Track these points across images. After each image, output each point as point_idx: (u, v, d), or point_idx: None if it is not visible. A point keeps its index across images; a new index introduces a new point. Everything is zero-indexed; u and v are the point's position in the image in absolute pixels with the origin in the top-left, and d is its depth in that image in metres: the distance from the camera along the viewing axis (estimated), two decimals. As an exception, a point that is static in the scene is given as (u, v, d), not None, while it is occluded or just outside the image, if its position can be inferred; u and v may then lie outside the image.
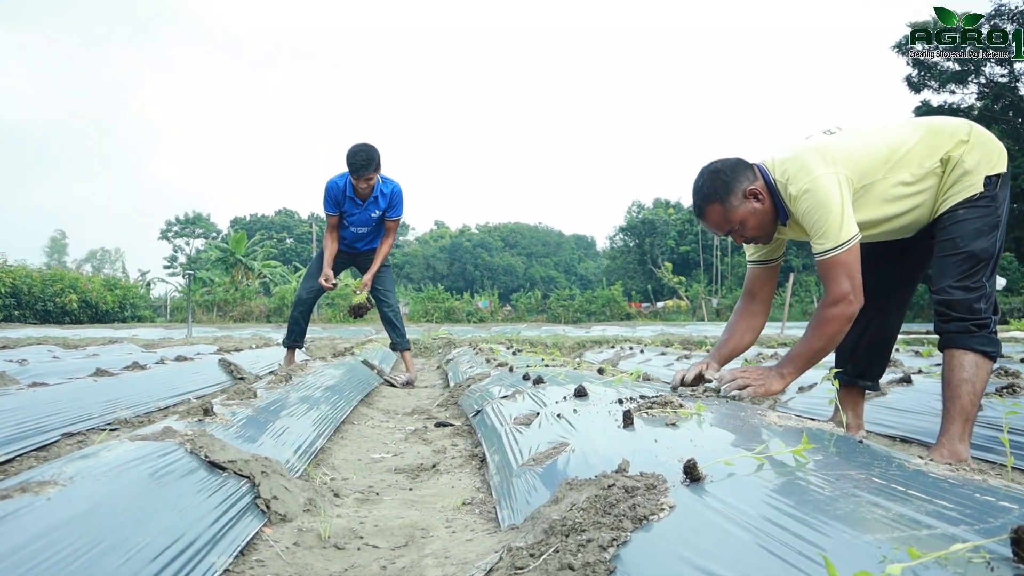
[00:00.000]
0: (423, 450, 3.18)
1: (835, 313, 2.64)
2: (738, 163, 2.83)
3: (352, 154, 5.74)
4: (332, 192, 6.07)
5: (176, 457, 1.89)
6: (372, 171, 5.73)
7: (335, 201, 6.09)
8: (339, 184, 6.06)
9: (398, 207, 6.22)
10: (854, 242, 2.61)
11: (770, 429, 2.00)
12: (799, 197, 2.67)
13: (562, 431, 2.38)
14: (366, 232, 6.31)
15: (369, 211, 6.13)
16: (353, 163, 5.72)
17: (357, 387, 4.98)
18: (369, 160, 5.71)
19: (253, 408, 2.75)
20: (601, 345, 11.02)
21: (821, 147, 2.74)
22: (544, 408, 2.89)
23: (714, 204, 2.79)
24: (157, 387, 4.58)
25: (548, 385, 3.52)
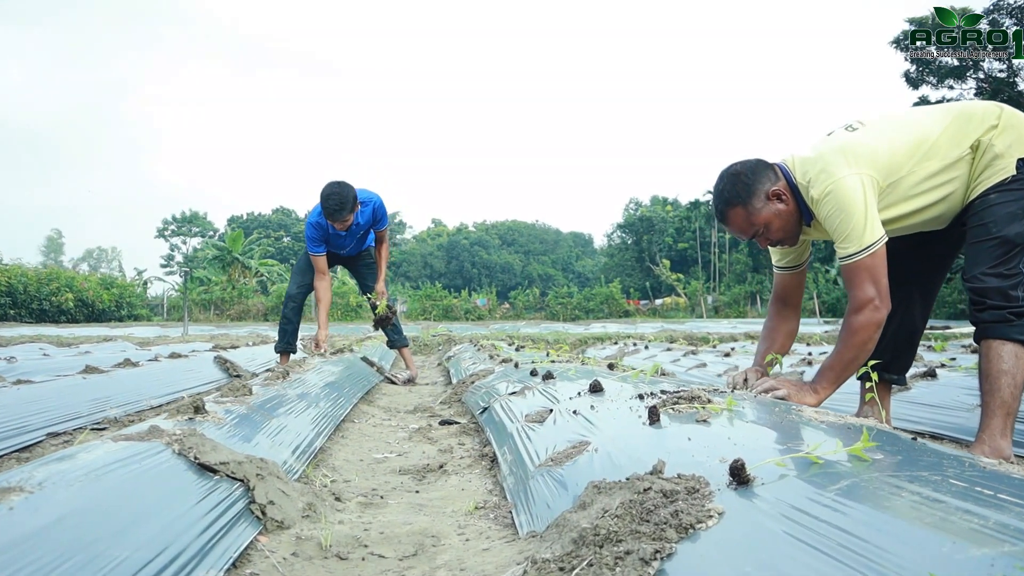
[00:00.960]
0: (428, 449, 3.01)
1: (862, 321, 2.51)
2: (758, 164, 2.71)
3: (325, 198, 5.38)
4: (316, 232, 5.75)
5: (162, 459, 1.72)
6: (347, 213, 5.39)
7: (320, 240, 5.80)
8: (321, 223, 5.70)
9: (383, 220, 5.94)
10: (879, 245, 2.47)
11: (811, 425, 1.84)
12: (821, 200, 2.55)
13: (580, 429, 2.21)
14: (352, 245, 6.07)
15: (354, 234, 5.87)
16: (327, 210, 5.38)
17: (357, 384, 4.81)
18: (342, 204, 5.35)
19: (248, 406, 2.58)
20: (603, 341, 10.86)
21: (843, 146, 2.61)
22: (557, 404, 2.72)
23: (736, 208, 2.67)
24: (150, 385, 4.41)
25: (558, 381, 3.36)
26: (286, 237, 74.55)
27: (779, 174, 2.70)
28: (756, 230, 2.70)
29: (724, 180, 2.73)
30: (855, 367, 2.64)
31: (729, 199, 2.69)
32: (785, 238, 2.76)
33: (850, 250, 2.50)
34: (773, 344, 2.97)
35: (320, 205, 5.43)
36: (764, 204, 2.65)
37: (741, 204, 2.66)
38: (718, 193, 2.74)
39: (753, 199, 2.65)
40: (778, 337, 2.97)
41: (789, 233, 2.75)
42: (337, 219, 5.35)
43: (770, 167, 2.71)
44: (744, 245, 63.86)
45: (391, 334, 6.44)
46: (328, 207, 5.33)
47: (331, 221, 5.41)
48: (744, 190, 2.66)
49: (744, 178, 2.67)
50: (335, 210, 5.31)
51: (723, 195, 2.71)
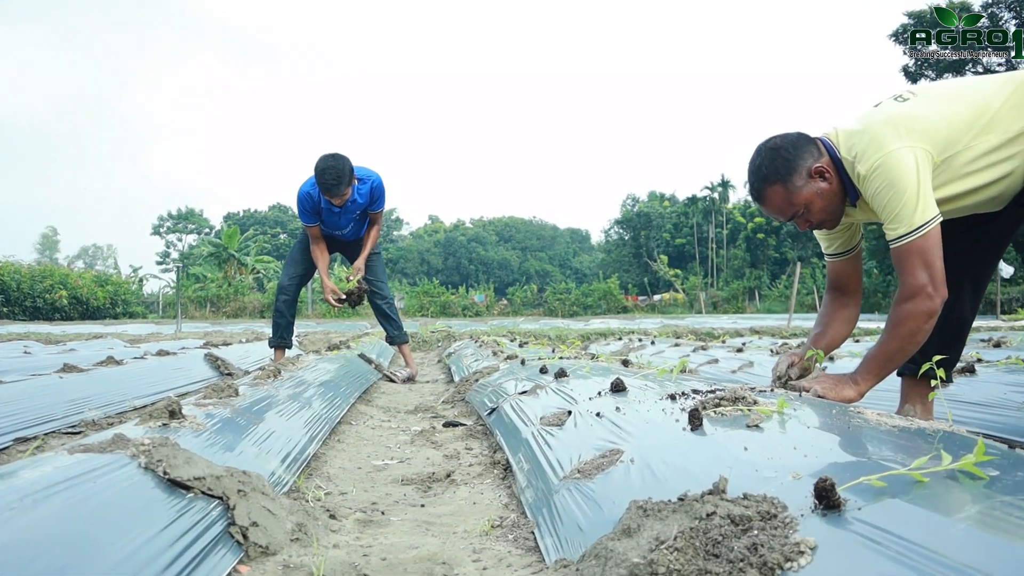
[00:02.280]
0: (433, 455, 2.74)
1: (911, 310, 2.26)
2: (800, 138, 2.45)
3: (320, 173, 5.08)
4: (307, 203, 5.44)
5: (125, 476, 1.46)
6: (344, 188, 5.10)
7: (312, 211, 5.50)
8: (312, 195, 5.42)
9: (380, 200, 5.62)
10: (932, 225, 2.22)
11: (881, 430, 1.58)
12: (869, 176, 2.29)
13: (608, 434, 1.95)
14: (348, 230, 5.76)
15: (350, 214, 5.56)
16: (322, 184, 5.08)
17: (354, 382, 4.54)
18: (338, 179, 5.05)
19: (233, 408, 2.31)
20: (607, 337, 10.59)
21: (893, 117, 2.35)
22: (576, 406, 2.46)
23: (775, 186, 2.41)
24: (133, 384, 4.14)
25: (572, 379, 3.10)
26: (282, 234, 74.27)
27: (822, 149, 2.45)
28: (796, 211, 2.45)
29: (762, 155, 2.47)
30: (900, 359, 2.41)
31: (767, 176, 2.43)
32: (826, 220, 2.51)
33: (900, 231, 2.25)
34: (827, 331, 2.73)
35: (314, 177, 5.14)
36: (805, 182, 2.40)
37: (780, 182, 2.41)
38: (755, 169, 2.48)
39: (794, 176, 2.40)
40: (833, 323, 2.73)
41: (831, 214, 2.50)
42: (334, 194, 5.08)
43: (812, 141, 2.46)
44: (741, 240, 63.76)
45: (391, 329, 6.11)
46: (324, 182, 5.04)
47: (328, 197, 5.15)
48: (784, 166, 2.41)
49: (784, 153, 2.42)
50: (332, 185, 5.03)
51: (760, 171, 2.46)
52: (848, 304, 2.77)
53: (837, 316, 2.78)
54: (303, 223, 5.56)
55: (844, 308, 2.78)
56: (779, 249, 63.68)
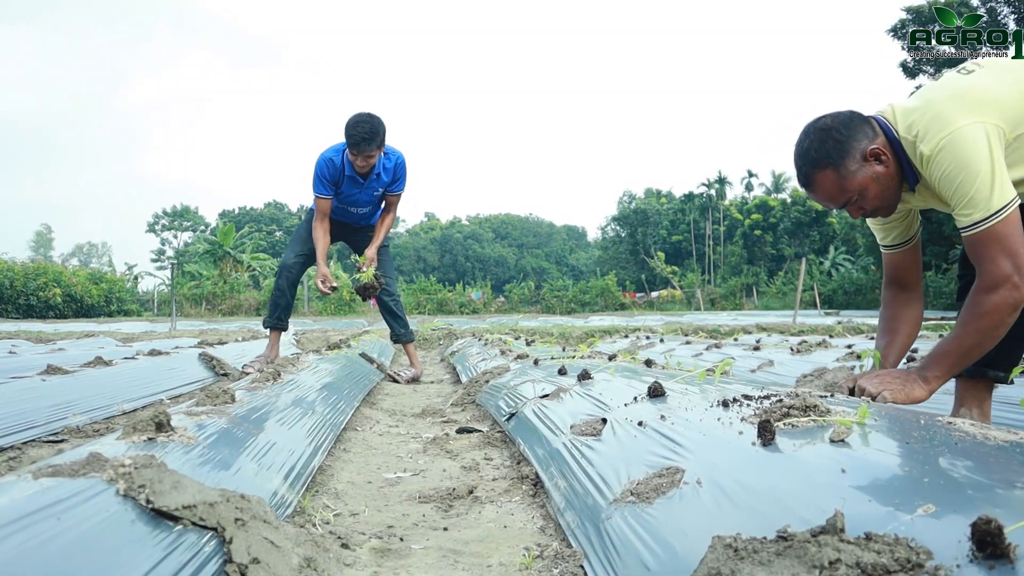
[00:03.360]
0: (449, 466, 2.49)
1: (995, 301, 2.02)
2: (853, 117, 2.20)
3: (352, 125, 4.72)
4: (327, 170, 5.04)
5: (100, 506, 1.21)
6: (375, 147, 4.76)
7: (331, 180, 5.09)
8: (335, 161, 5.03)
9: (402, 180, 5.29)
10: (1012, 208, 1.98)
11: (992, 446, 1.34)
12: (935, 157, 2.04)
13: (659, 448, 1.70)
14: (365, 211, 5.42)
15: (371, 189, 5.20)
16: (353, 136, 4.70)
17: (358, 384, 4.29)
18: (373, 134, 4.71)
19: (228, 417, 2.06)
20: (611, 334, 10.34)
21: (958, 90, 2.11)
22: (609, 412, 2.22)
23: (826, 170, 2.17)
24: (122, 387, 3.88)
25: (596, 381, 2.85)
26: (278, 231, 73.90)
27: (876, 129, 2.20)
28: (849, 197, 2.21)
29: (810, 137, 2.23)
30: (976, 355, 2.17)
31: (817, 160, 2.19)
32: (882, 207, 2.27)
33: (975, 216, 2.01)
34: (897, 336, 2.50)
35: (345, 136, 4.76)
36: (860, 166, 2.16)
37: (832, 166, 2.17)
38: (803, 152, 2.24)
39: (847, 160, 2.16)
40: (902, 327, 2.50)
41: (888, 201, 2.25)
42: (363, 150, 4.70)
43: (866, 120, 2.22)
44: (739, 237, 63.60)
45: (397, 327, 5.78)
46: (355, 135, 4.67)
47: (354, 154, 4.75)
48: (836, 149, 2.16)
49: (836, 134, 2.18)
50: (363, 139, 4.67)
51: (809, 155, 2.21)
52: (911, 300, 2.54)
53: (904, 316, 2.55)
54: (316, 193, 5.12)
55: (908, 306, 2.55)
56: (776, 246, 63.61)
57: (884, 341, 2.53)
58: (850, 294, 37.04)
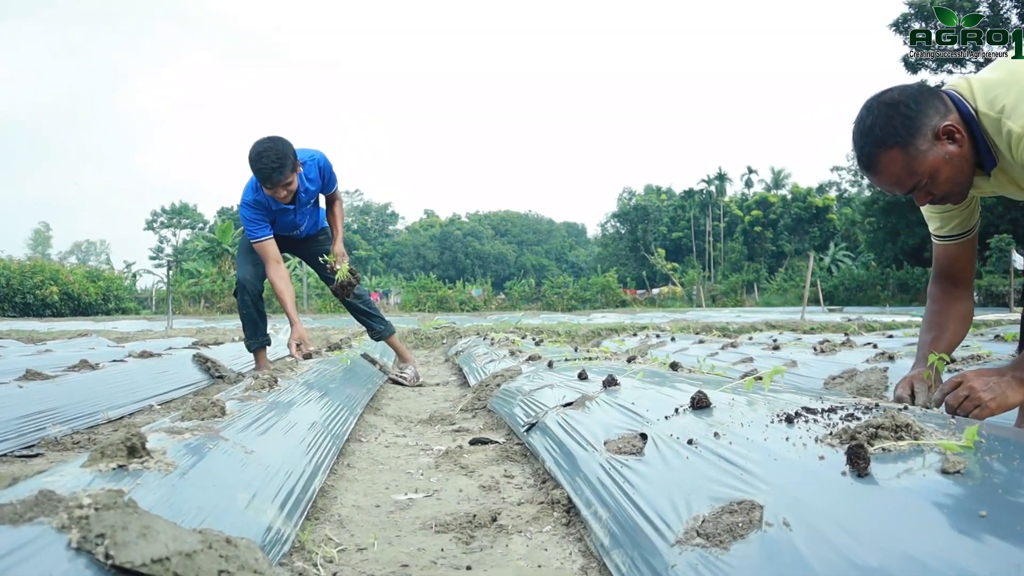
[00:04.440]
0: (466, 486, 2.23)
1: None
2: (922, 90, 1.92)
3: (255, 159, 4.07)
4: (255, 213, 4.44)
5: (44, 566, 0.95)
6: (289, 172, 4.14)
7: (265, 221, 4.47)
8: (260, 200, 4.43)
9: (332, 180, 4.70)
10: None
11: None
12: None
13: (720, 474, 1.45)
14: (304, 224, 4.83)
15: (304, 207, 4.63)
16: (262, 171, 4.07)
17: (361, 388, 4.03)
18: (282, 160, 4.08)
19: (216, 434, 1.80)
20: (619, 332, 10.08)
21: None
22: (649, 427, 1.96)
23: (892, 151, 1.88)
24: (109, 393, 3.63)
25: (624, 388, 2.59)
26: (277, 228, 73.49)
27: (949, 104, 1.92)
28: (917, 181, 1.93)
29: (874, 112, 1.94)
30: None
31: (882, 139, 1.91)
32: (953, 191, 1.99)
33: None
34: (943, 332, 2.23)
35: (254, 173, 4.16)
36: (931, 145, 1.88)
37: (899, 145, 1.89)
38: (865, 130, 1.96)
39: (916, 138, 1.88)
40: (949, 323, 2.24)
41: (960, 185, 1.98)
42: (277, 182, 4.09)
43: (936, 95, 1.94)
44: (739, 234, 63.35)
45: (374, 324, 5.22)
46: (263, 168, 4.04)
47: (270, 188, 4.14)
48: (905, 126, 1.88)
49: (904, 109, 1.90)
50: (273, 170, 4.04)
51: (873, 133, 1.93)
52: (961, 297, 2.29)
53: (952, 313, 2.28)
54: (254, 239, 4.46)
55: (957, 302, 2.30)
56: (776, 242, 63.43)
57: (929, 337, 2.27)
58: (851, 291, 36.85)
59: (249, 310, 4.71)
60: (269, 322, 4.98)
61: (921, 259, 38.90)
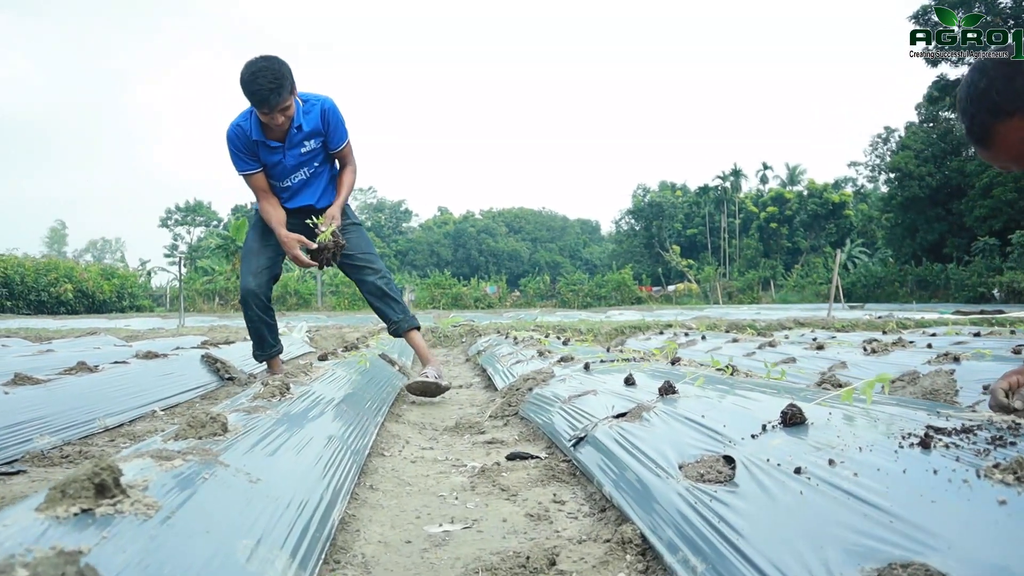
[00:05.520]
0: (510, 514, 1.89)
1: None
2: None
3: (249, 79, 3.63)
4: (238, 142, 4.02)
5: None
6: (287, 95, 3.69)
7: (248, 153, 4.04)
8: (243, 127, 4.00)
9: (339, 127, 4.13)
10: None
11: None
12: None
13: (858, 519, 1.11)
14: (306, 180, 4.21)
15: (295, 152, 4.06)
16: (257, 92, 3.63)
17: (380, 393, 3.71)
18: (279, 80, 3.64)
19: (214, 458, 1.49)
20: (643, 331, 9.72)
21: None
22: (734, 448, 1.63)
23: (1012, 119, 1.56)
24: (108, 397, 3.33)
25: (685, 397, 2.26)
26: (290, 226, 73.41)
27: None
28: None
29: (990, 74, 1.60)
30: None
31: (999, 105, 1.57)
32: None
33: None
34: None
35: (246, 97, 3.70)
36: None
37: (1021, 112, 1.57)
38: (978, 95, 1.61)
39: None
40: None
41: None
42: (275, 105, 3.65)
43: None
44: (754, 230, 62.68)
45: (393, 312, 4.38)
46: (259, 90, 3.61)
47: (266, 113, 3.71)
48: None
49: None
50: (270, 91, 3.61)
51: (988, 98, 1.59)
52: None
53: None
54: (240, 171, 4.09)
55: None
56: (792, 239, 62.80)
57: None
58: (869, 287, 36.33)
59: (255, 323, 4.33)
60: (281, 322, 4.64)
61: (940, 255, 38.26)
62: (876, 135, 50.93)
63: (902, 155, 41.32)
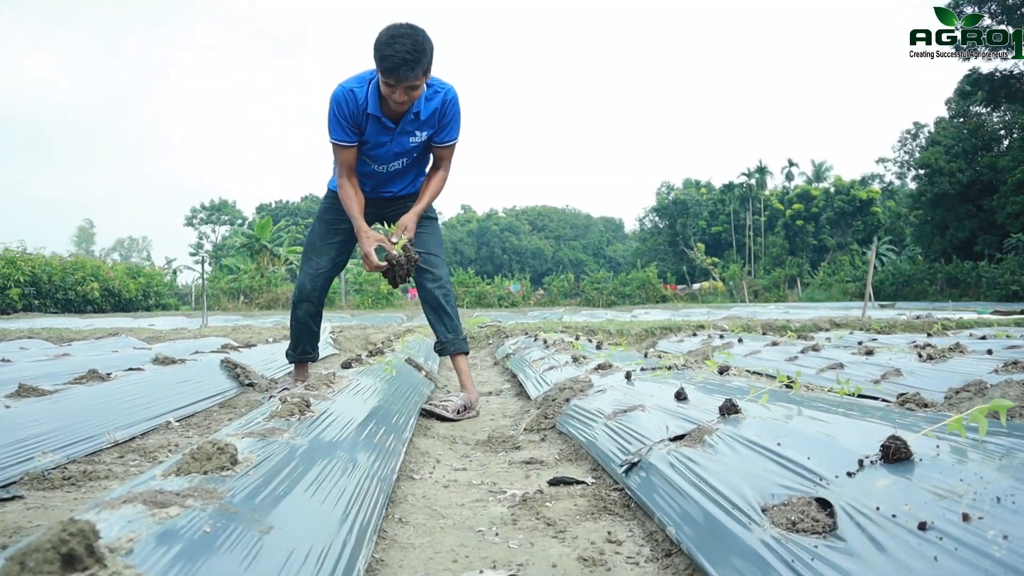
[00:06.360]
0: (560, 556, 1.64)
1: None
2: None
3: (386, 41, 3.18)
4: (344, 108, 3.53)
5: None
6: (420, 74, 3.26)
7: (351, 123, 3.57)
8: (356, 94, 3.52)
9: (454, 124, 3.73)
10: None
11: None
12: None
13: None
14: (400, 172, 3.87)
15: (404, 139, 3.68)
16: (390, 58, 3.17)
17: (407, 404, 3.49)
18: (418, 53, 3.19)
19: (218, 501, 1.26)
20: (674, 332, 9.42)
21: None
22: (828, 488, 1.38)
23: None
24: (119, 408, 3.13)
25: (751, 418, 2.01)
26: (315, 224, 73.71)
27: None
28: None
29: None
30: None
31: None
32: None
33: None
34: None
35: (376, 60, 3.25)
36: None
37: None
38: None
39: None
40: None
41: None
42: (405, 79, 3.21)
43: None
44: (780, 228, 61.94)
45: (444, 330, 3.99)
46: (394, 55, 3.16)
47: (390, 84, 3.26)
48: None
49: None
50: (405, 61, 3.17)
51: None
52: None
53: None
54: (333, 139, 3.62)
55: None
56: (818, 236, 62.02)
57: None
58: (898, 285, 35.73)
59: (300, 325, 4.09)
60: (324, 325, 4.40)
61: (971, 253, 37.52)
62: (905, 131, 50.05)
63: (932, 151, 40.61)
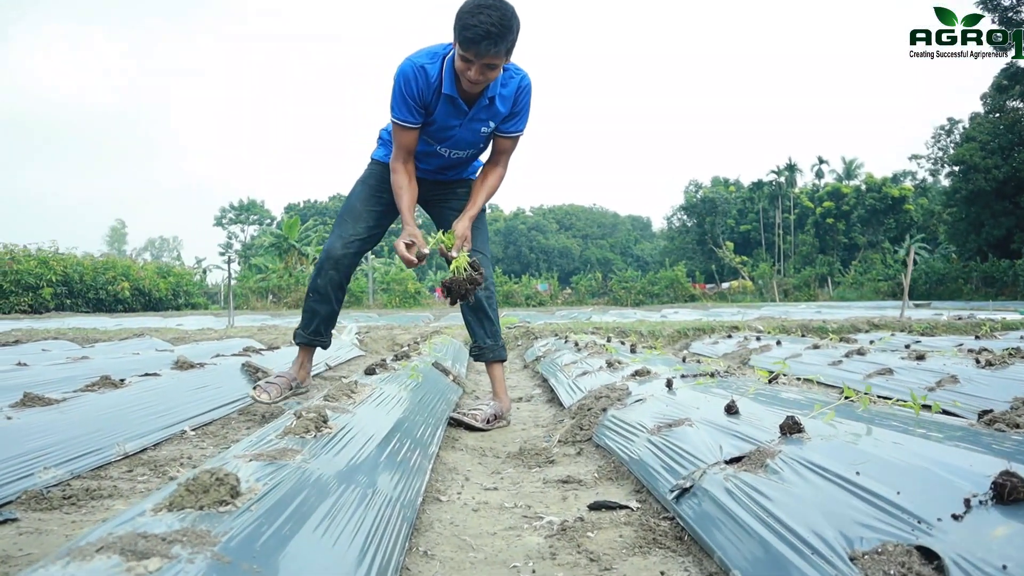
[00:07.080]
0: (606, 599, 1.45)
1: None
2: None
3: (471, 10, 2.88)
4: (413, 85, 3.19)
5: None
6: (503, 53, 2.97)
7: (419, 102, 3.24)
8: (428, 71, 3.18)
9: (523, 114, 3.43)
10: None
11: None
12: None
13: None
14: (461, 160, 3.59)
15: (476, 125, 3.36)
16: (473, 28, 2.87)
17: (434, 413, 3.29)
18: (504, 29, 2.90)
19: (211, 547, 1.07)
20: (708, 333, 9.15)
21: None
22: (931, 534, 1.16)
23: None
24: (130, 417, 2.97)
25: (817, 439, 1.79)
26: (342, 224, 74.00)
27: None
28: None
29: None
30: None
31: None
32: None
33: None
34: None
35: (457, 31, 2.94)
36: None
37: None
38: None
39: None
40: None
41: None
42: (486, 53, 2.90)
43: None
44: (810, 226, 61.12)
45: (483, 335, 3.72)
46: (478, 25, 2.85)
47: (468, 59, 2.96)
48: None
49: None
50: (489, 34, 2.86)
51: None
52: None
53: None
54: (396, 117, 3.27)
55: None
56: (848, 234, 61.11)
57: None
58: (931, 284, 35.05)
59: (324, 297, 3.64)
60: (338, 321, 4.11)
61: (1008, 251, 36.72)
62: (939, 127, 49.08)
63: (967, 147, 39.76)
